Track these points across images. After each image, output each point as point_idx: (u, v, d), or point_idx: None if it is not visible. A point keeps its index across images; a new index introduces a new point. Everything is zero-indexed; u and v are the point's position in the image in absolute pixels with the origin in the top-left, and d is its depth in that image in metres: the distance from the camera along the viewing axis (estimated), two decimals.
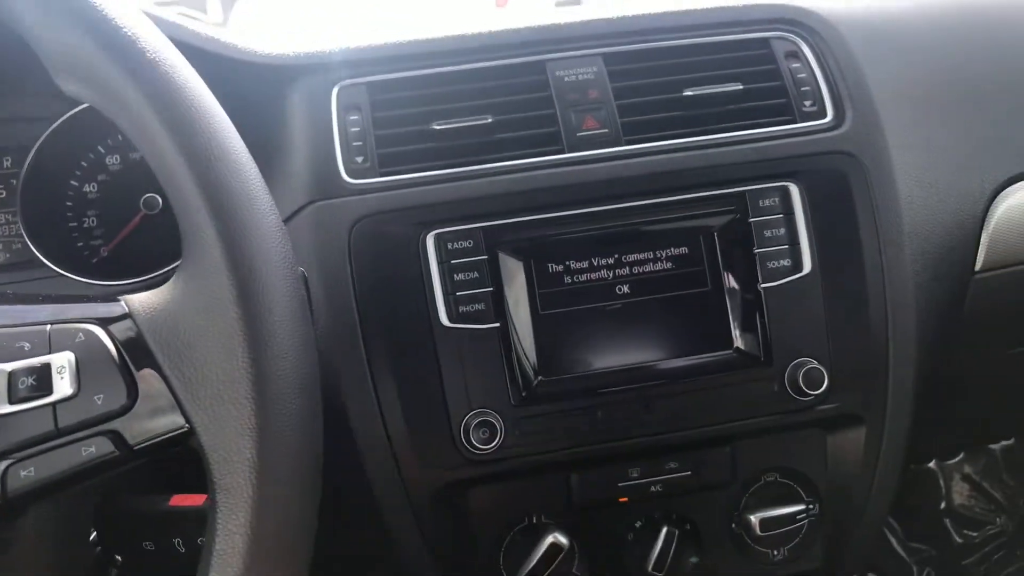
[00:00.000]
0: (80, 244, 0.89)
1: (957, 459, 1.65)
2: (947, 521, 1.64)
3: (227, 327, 0.40)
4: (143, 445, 0.42)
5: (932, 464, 1.66)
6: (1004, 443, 1.64)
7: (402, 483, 0.78)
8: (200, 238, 0.42)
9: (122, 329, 0.43)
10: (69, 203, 0.89)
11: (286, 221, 0.80)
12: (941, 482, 1.66)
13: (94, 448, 0.41)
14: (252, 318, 0.41)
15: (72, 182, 0.89)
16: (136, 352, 0.43)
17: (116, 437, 0.42)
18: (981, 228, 0.88)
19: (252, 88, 0.85)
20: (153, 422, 0.42)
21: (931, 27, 0.96)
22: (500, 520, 0.81)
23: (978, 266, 0.89)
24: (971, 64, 0.94)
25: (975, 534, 1.62)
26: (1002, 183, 0.89)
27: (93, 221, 0.90)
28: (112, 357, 0.43)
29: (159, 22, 0.80)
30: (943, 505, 1.64)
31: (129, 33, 0.44)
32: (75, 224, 0.89)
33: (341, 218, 0.79)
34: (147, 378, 0.43)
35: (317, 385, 0.45)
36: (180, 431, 0.42)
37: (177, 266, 0.45)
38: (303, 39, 0.88)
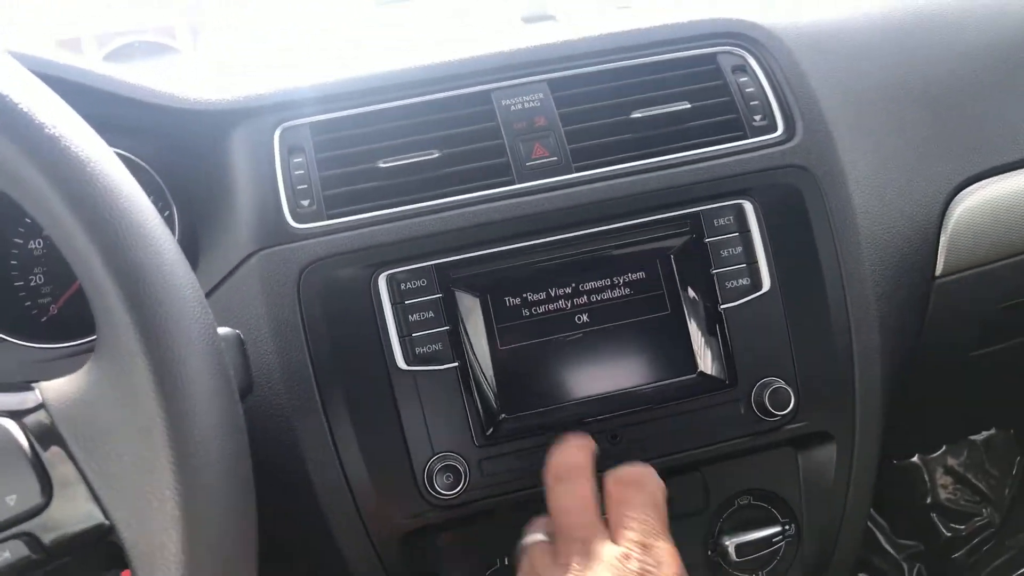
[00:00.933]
0: (28, 303, 0.87)
1: (940, 452, 1.65)
2: (934, 515, 1.63)
3: (145, 415, 0.38)
4: (61, 545, 0.40)
5: (915, 459, 1.65)
6: (986, 433, 1.64)
7: (366, 533, 0.76)
8: (112, 322, 0.40)
9: (35, 421, 0.41)
10: (14, 261, 0.86)
11: (231, 273, 0.78)
12: (925, 476, 1.65)
13: (8, 553, 0.39)
14: (171, 404, 0.39)
15: (16, 239, 0.87)
16: (50, 445, 0.41)
17: (31, 540, 0.40)
18: (939, 233, 0.88)
19: (193, 136, 0.83)
20: (70, 520, 0.40)
21: (877, 34, 0.95)
22: (471, 563, 0.80)
23: (938, 271, 0.88)
24: (919, 68, 0.94)
25: (962, 527, 1.62)
26: (957, 185, 0.88)
27: (40, 278, 0.87)
28: (25, 452, 0.41)
29: (90, 75, 0.78)
30: (929, 499, 1.64)
31: (24, 108, 0.42)
32: (21, 283, 0.87)
33: (289, 265, 0.77)
34: (62, 473, 0.40)
35: (247, 464, 0.43)
36: (99, 527, 0.40)
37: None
38: (260, 72, 0.86)
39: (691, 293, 0.80)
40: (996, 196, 0.89)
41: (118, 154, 0.84)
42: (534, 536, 0.68)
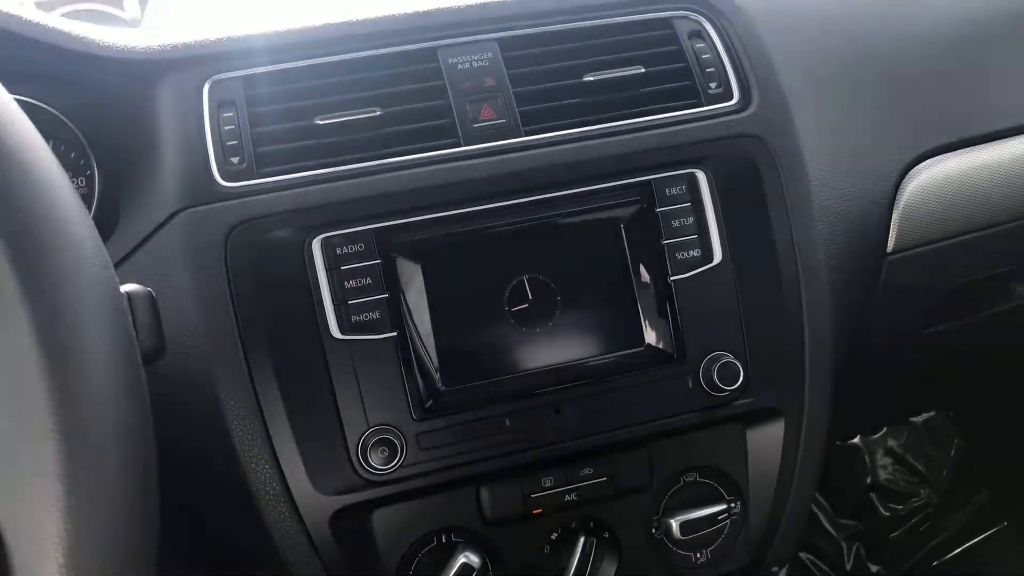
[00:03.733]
0: None
1: (880, 434, 1.67)
2: (873, 496, 1.65)
3: (24, 377, 0.33)
4: None
5: (857, 440, 1.67)
6: (925, 415, 1.66)
7: (295, 510, 0.72)
8: None
9: None
10: None
11: (153, 232, 0.73)
12: (866, 457, 1.67)
13: None
14: (55, 363, 0.34)
15: None
16: None
17: None
18: (891, 208, 0.87)
19: (117, 87, 0.78)
20: None
21: (840, 8, 0.93)
22: (406, 540, 0.76)
23: (890, 247, 0.87)
24: (880, 44, 0.92)
25: (900, 507, 1.64)
26: (910, 162, 0.88)
27: None
28: None
29: (7, 19, 0.72)
30: (869, 480, 1.65)
31: None
32: None
33: (215, 225, 0.72)
34: None
35: (147, 435, 0.38)
36: None
37: None
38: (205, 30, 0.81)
39: (640, 264, 0.78)
40: (948, 174, 0.89)
41: (34, 104, 0.79)
42: None
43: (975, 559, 1.59)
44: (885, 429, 1.66)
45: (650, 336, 0.77)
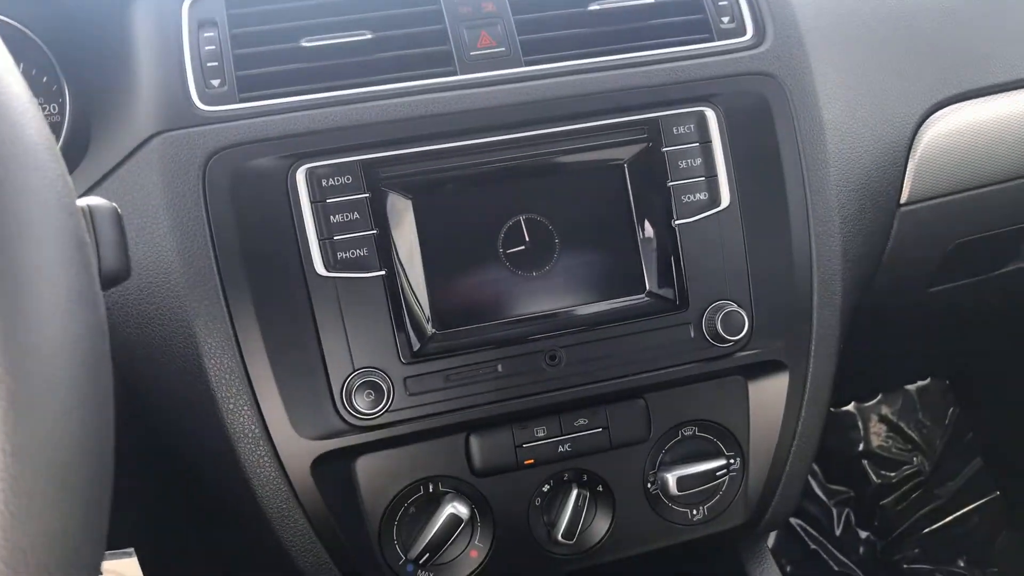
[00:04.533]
0: None
1: (875, 401, 1.65)
2: (865, 463, 1.64)
3: None
4: None
5: (851, 407, 1.65)
6: (920, 383, 1.64)
7: (276, 455, 0.69)
8: None
9: None
10: None
11: (127, 157, 0.69)
12: (859, 424, 1.66)
13: None
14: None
15: None
16: None
17: None
18: (907, 157, 0.83)
19: (89, 3, 0.73)
20: None
21: None
22: (391, 490, 0.73)
23: (903, 198, 0.83)
24: None
25: (892, 474, 1.63)
26: (929, 108, 0.84)
27: None
28: None
29: None
30: (861, 447, 1.64)
31: None
32: None
33: (193, 151, 0.68)
34: None
35: (101, 360, 0.34)
36: None
37: None
38: None
39: (644, 207, 0.74)
40: (966, 123, 0.85)
41: (1, 20, 0.74)
42: None
43: (966, 527, 1.59)
44: (880, 396, 1.65)
45: (652, 283, 0.74)
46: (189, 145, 0.68)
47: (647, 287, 0.74)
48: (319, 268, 0.68)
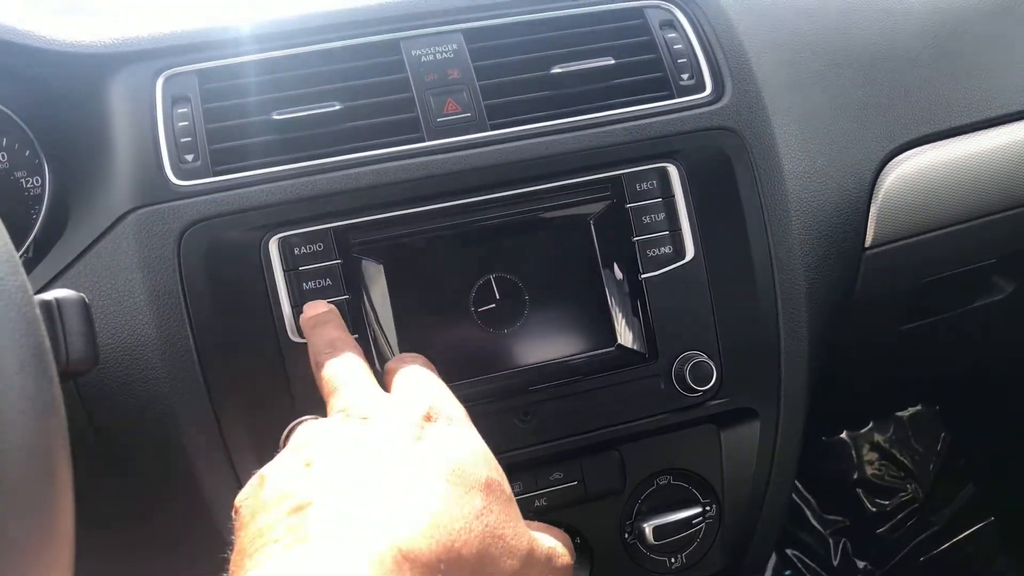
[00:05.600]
0: None
1: (867, 428, 1.65)
2: (860, 491, 1.64)
3: None
4: None
5: (844, 435, 1.65)
6: (912, 409, 1.65)
7: None
8: None
9: None
10: None
11: (104, 233, 0.70)
12: (853, 452, 1.66)
13: None
14: None
15: None
16: None
17: None
18: (869, 201, 0.84)
19: (67, 83, 0.75)
20: None
21: None
22: None
23: (868, 242, 0.85)
24: (858, 34, 0.90)
25: (887, 502, 1.63)
26: (888, 153, 0.85)
27: None
28: None
29: None
30: (856, 475, 1.64)
31: None
32: None
33: (168, 226, 0.69)
34: None
35: (56, 455, 0.35)
36: None
37: None
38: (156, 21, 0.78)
39: (611, 262, 0.75)
40: (926, 166, 0.87)
41: None
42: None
43: (962, 554, 1.58)
44: (871, 424, 1.65)
45: (621, 336, 0.75)
46: (164, 220, 0.69)
47: (617, 340, 0.75)
48: (292, 335, 0.70)
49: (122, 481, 0.74)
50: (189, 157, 0.72)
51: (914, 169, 0.86)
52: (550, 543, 0.52)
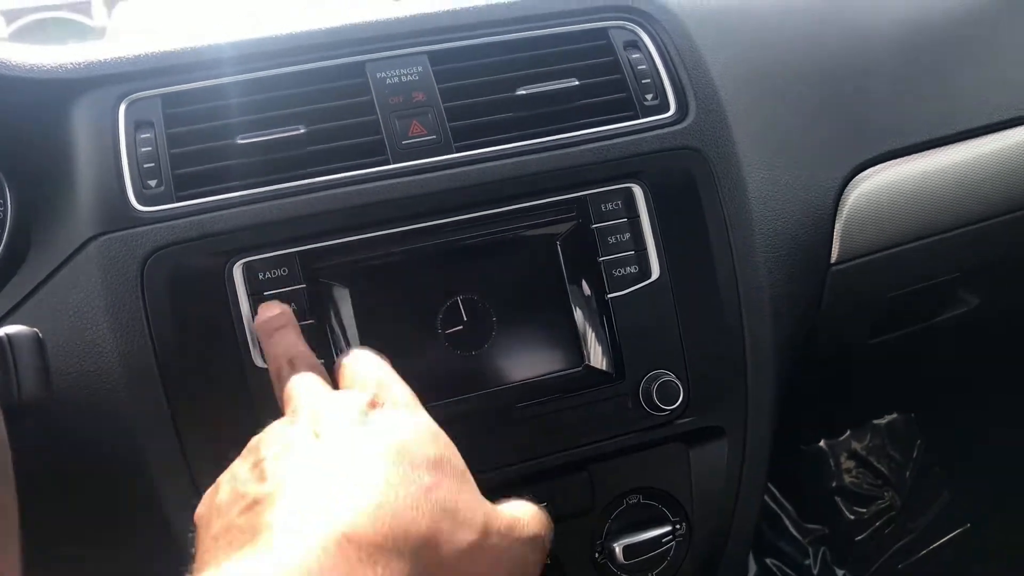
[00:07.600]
0: None
1: (844, 436, 1.66)
2: (838, 499, 1.65)
3: None
4: None
5: (822, 443, 1.66)
6: (888, 417, 1.66)
7: None
8: None
9: None
10: None
11: (66, 261, 0.70)
12: (831, 460, 1.66)
13: None
14: None
15: None
16: None
17: None
18: (834, 218, 0.85)
19: (28, 108, 0.74)
20: None
21: (776, 11, 0.92)
22: None
23: (833, 258, 0.86)
24: (819, 49, 0.91)
25: (864, 510, 1.63)
26: (852, 170, 0.86)
27: None
28: None
29: None
30: (834, 483, 1.65)
31: None
32: None
33: (131, 252, 0.69)
34: None
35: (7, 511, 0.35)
36: None
37: None
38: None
39: (577, 282, 0.76)
40: (889, 182, 0.88)
41: None
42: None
43: (940, 560, 1.59)
44: (849, 432, 1.66)
45: (589, 356, 0.76)
46: (127, 246, 0.69)
47: (585, 360, 0.76)
48: (257, 360, 0.69)
49: (86, 511, 0.73)
50: (152, 183, 0.71)
51: (878, 185, 0.87)
52: (513, 513, 0.52)
